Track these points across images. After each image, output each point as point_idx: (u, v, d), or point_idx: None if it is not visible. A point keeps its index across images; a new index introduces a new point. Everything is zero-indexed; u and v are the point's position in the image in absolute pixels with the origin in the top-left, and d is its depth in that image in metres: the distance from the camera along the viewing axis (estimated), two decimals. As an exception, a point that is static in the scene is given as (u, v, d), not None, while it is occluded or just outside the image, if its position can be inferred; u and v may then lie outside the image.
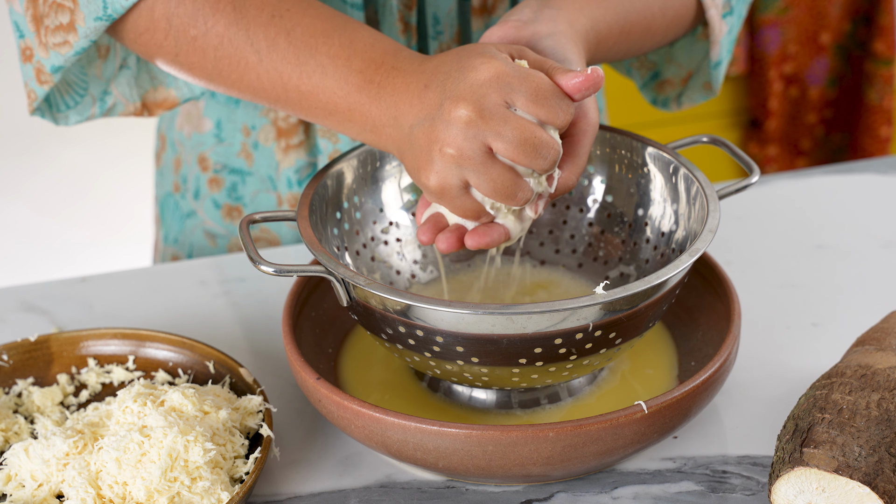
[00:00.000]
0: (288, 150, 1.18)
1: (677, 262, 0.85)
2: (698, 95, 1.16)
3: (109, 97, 1.05)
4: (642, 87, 1.19)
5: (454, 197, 0.87)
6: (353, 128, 0.91)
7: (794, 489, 0.81)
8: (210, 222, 1.24)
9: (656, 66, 1.17)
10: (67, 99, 1.04)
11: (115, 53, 1.04)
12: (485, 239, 0.89)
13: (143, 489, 0.84)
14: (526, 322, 0.82)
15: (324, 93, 0.91)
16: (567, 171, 0.88)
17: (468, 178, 0.85)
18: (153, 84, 1.07)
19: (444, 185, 0.86)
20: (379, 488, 0.90)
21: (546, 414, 0.93)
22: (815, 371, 0.98)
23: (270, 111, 1.17)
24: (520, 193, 0.86)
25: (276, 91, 0.93)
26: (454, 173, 0.85)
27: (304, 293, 0.98)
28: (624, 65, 1.18)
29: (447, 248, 0.90)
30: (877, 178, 1.25)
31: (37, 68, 1.00)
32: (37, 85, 1.01)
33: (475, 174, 0.85)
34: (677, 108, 1.18)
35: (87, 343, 1.00)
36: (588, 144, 0.89)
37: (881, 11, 2.31)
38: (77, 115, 1.05)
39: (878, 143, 2.39)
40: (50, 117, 1.04)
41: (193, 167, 1.23)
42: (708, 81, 1.14)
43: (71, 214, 3.06)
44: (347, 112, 0.90)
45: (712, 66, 1.11)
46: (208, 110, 1.20)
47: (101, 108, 1.05)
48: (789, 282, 1.10)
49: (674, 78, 1.17)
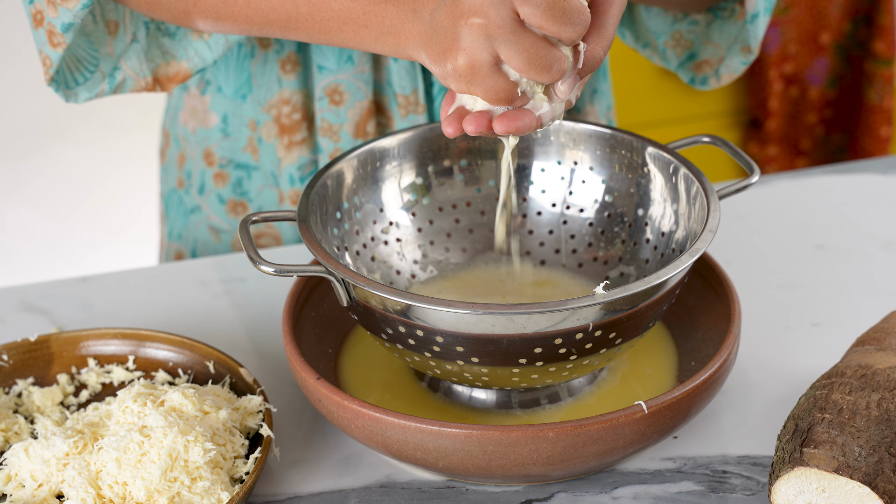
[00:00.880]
0: (290, 147, 1.18)
1: (677, 262, 0.85)
2: (738, 62, 1.13)
3: (119, 72, 1.04)
4: (678, 67, 1.17)
5: (485, 76, 0.82)
6: (370, 34, 0.88)
7: (794, 489, 0.81)
8: (215, 217, 1.24)
9: (692, 45, 1.15)
10: (77, 76, 1.03)
11: (125, 29, 1.03)
12: (515, 123, 0.84)
13: (143, 489, 0.84)
14: (526, 322, 0.82)
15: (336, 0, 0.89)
16: (593, 43, 0.84)
17: (499, 51, 0.81)
18: (164, 58, 1.06)
19: (475, 62, 0.81)
20: (379, 488, 0.90)
21: (546, 414, 0.93)
22: (815, 371, 0.98)
23: (273, 108, 1.17)
24: (555, 64, 0.81)
25: (286, 8, 0.91)
26: (483, 46, 0.81)
27: (305, 293, 0.98)
28: (658, 44, 1.16)
29: (476, 130, 0.84)
30: (877, 178, 1.25)
31: (48, 30, 0.99)
32: (50, 49, 1.00)
33: (506, 45, 0.80)
34: (717, 83, 1.15)
35: (87, 343, 1.00)
36: (616, 16, 0.85)
37: (881, 11, 2.31)
38: (87, 92, 1.04)
39: (878, 143, 2.39)
40: (62, 93, 1.04)
41: (198, 162, 1.23)
42: (746, 44, 1.12)
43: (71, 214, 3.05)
44: (362, 17, 0.88)
45: (749, 20, 1.09)
46: (214, 105, 1.20)
47: (110, 84, 1.04)
48: (789, 282, 1.10)
49: (711, 58, 1.15)
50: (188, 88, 1.22)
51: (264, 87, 1.17)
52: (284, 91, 1.16)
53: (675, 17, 1.15)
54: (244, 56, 1.16)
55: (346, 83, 1.14)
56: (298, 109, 1.17)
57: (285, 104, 1.16)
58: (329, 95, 1.14)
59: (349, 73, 1.13)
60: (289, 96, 1.16)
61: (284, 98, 1.16)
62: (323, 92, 1.14)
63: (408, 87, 1.14)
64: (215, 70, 1.18)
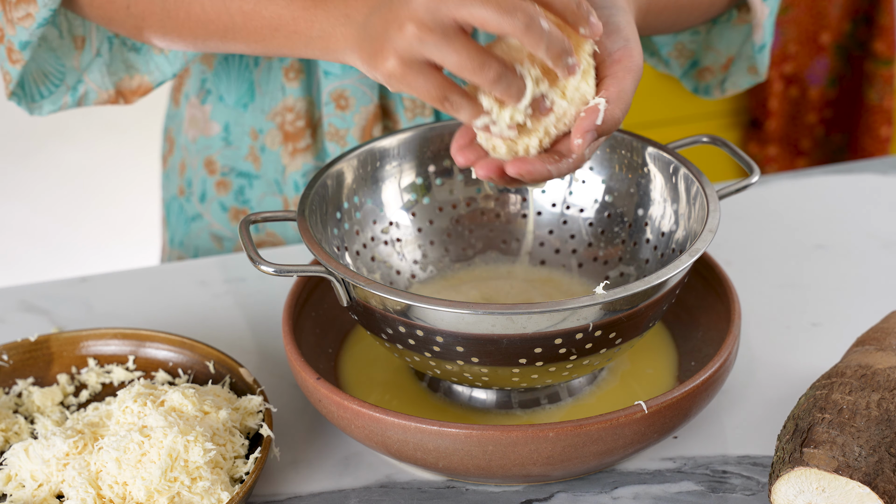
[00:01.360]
0: (295, 154, 1.18)
1: (677, 262, 0.85)
2: (744, 80, 1.15)
3: (81, 85, 1.07)
4: (682, 76, 1.18)
5: (416, 75, 0.80)
6: (300, 40, 0.89)
7: (794, 489, 0.81)
8: (217, 225, 1.24)
9: (694, 54, 1.16)
10: (42, 89, 1.06)
11: (90, 43, 1.05)
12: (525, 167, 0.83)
13: (143, 489, 0.84)
14: (526, 322, 0.82)
15: (266, 8, 0.90)
16: (613, 105, 0.84)
17: (430, 54, 0.79)
18: (128, 72, 1.08)
19: (405, 62, 0.80)
20: (379, 488, 0.90)
21: (546, 414, 0.93)
22: (815, 371, 0.98)
23: (277, 115, 1.17)
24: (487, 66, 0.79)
25: (222, 19, 0.93)
26: (414, 48, 0.79)
27: (305, 293, 0.98)
28: (662, 54, 1.18)
29: (486, 175, 0.84)
30: (877, 178, 1.25)
31: (7, 47, 1.02)
32: (9, 65, 1.03)
33: (437, 48, 0.79)
34: (721, 94, 1.17)
35: (87, 343, 1.00)
36: (634, 81, 0.85)
37: (881, 11, 2.31)
38: (51, 105, 1.07)
39: (878, 143, 2.39)
40: (25, 106, 1.06)
41: (199, 171, 1.24)
42: (753, 66, 1.14)
43: (71, 214, 3.06)
44: (292, 23, 0.89)
45: (756, 50, 1.11)
46: (215, 114, 1.20)
47: (73, 97, 1.07)
48: (789, 282, 1.10)
49: (713, 65, 1.16)
50: (189, 98, 1.22)
51: (268, 95, 1.17)
52: (288, 99, 1.16)
53: None
54: (245, 66, 1.17)
55: (351, 88, 1.14)
56: (302, 117, 1.17)
57: (289, 111, 1.17)
58: (335, 100, 1.15)
59: (355, 79, 1.14)
60: (292, 104, 1.16)
61: (288, 106, 1.16)
62: (329, 97, 1.15)
63: None
64: (216, 80, 1.18)
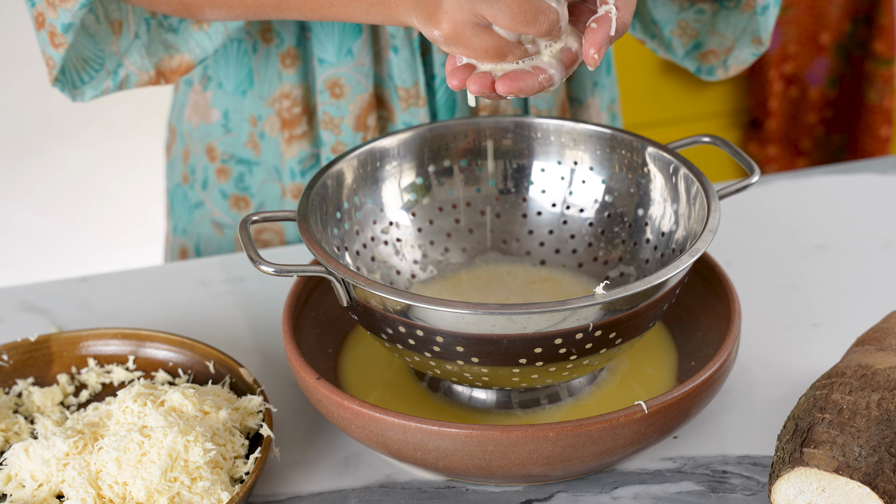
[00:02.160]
0: (291, 141, 1.19)
1: (677, 262, 0.85)
2: (747, 53, 1.14)
3: (122, 69, 1.06)
4: (684, 57, 1.18)
5: (471, 36, 0.82)
6: (361, 5, 0.89)
7: (794, 489, 0.81)
8: (217, 212, 1.25)
9: (698, 34, 1.16)
10: (83, 74, 1.05)
11: (128, 27, 1.05)
12: (517, 84, 0.84)
13: (143, 489, 0.84)
14: (526, 322, 0.82)
15: None
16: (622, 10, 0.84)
17: (482, 11, 0.81)
18: (167, 52, 1.08)
19: (458, 24, 0.82)
20: (379, 488, 0.90)
21: (546, 414, 0.93)
22: (815, 371, 0.98)
23: (275, 102, 1.17)
24: (541, 16, 0.81)
25: None
26: (465, 8, 0.81)
27: (305, 293, 0.99)
28: (664, 34, 1.17)
29: (479, 90, 0.85)
30: (877, 178, 1.25)
31: (50, 31, 1.01)
32: (52, 50, 1.02)
33: (488, 4, 0.81)
34: (725, 73, 1.16)
35: (87, 343, 1.00)
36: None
37: (881, 11, 2.31)
38: (92, 90, 1.06)
39: (878, 143, 2.39)
40: (68, 92, 1.06)
41: (201, 158, 1.24)
42: (756, 36, 1.12)
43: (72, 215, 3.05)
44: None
45: (759, 12, 1.10)
46: (216, 101, 1.20)
47: (114, 81, 1.07)
48: (789, 282, 1.10)
49: (717, 48, 1.15)
50: (192, 84, 1.23)
51: (266, 81, 1.17)
52: (285, 85, 1.16)
53: (681, 6, 1.15)
54: (244, 52, 1.17)
55: (346, 76, 1.14)
56: (298, 103, 1.17)
57: (286, 98, 1.17)
58: (330, 88, 1.15)
59: (349, 67, 1.14)
60: (289, 90, 1.16)
61: (285, 92, 1.17)
62: (324, 85, 1.15)
63: (408, 80, 1.14)
64: (216, 66, 1.19)
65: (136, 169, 3.19)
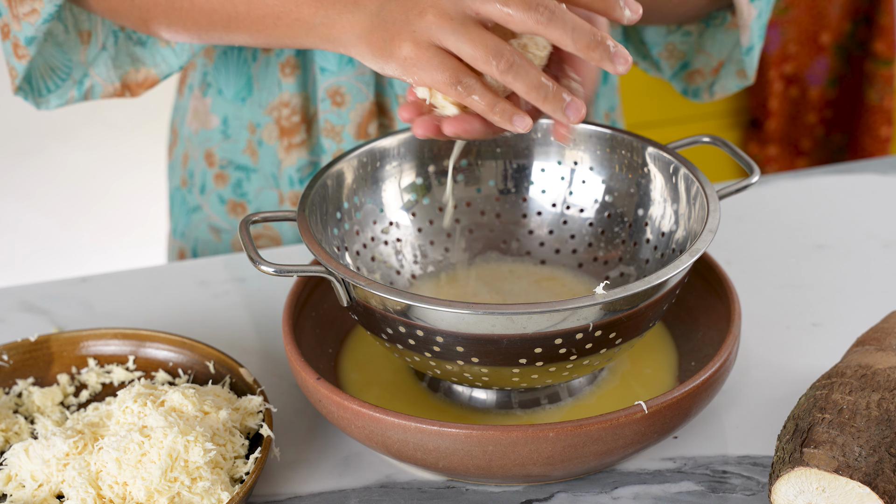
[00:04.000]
0: (290, 149, 1.19)
1: (677, 262, 0.85)
2: (732, 84, 1.16)
3: (88, 79, 1.07)
4: (672, 77, 1.19)
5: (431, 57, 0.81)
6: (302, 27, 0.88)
7: (794, 489, 0.81)
8: (215, 217, 1.25)
9: (685, 55, 1.17)
10: (49, 83, 1.06)
11: (96, 38, 1.06)
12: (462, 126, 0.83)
13: (143, 489, 0.84)
14: (526, 322, 0.82)
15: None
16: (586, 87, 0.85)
17: (447, 42, 0.80)
18: (134, 65, 1.08)
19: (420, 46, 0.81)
20: (379, 488, 0.90)
21: (546, 414, 0.93)
22: (815, 371, 0.98)
23: (274, 110, 1.18)
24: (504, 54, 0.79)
25: (225, 8, 0.93)
26: (432, 34, 0.80)
27: (305, 293, 0.99)
28: (653, 55, 1.18)
29: (423, 133, 0.85)
30: (877, 178, 1.25)
31: (14, 43, 1.02)
32: (15, 61, 1.03)
33: (454, 35, 0.79)
34: (710, 97, 1.17)
35: (87, 343, 1.00)
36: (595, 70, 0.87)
37: (881, 11, 2.31)
38: (57, 99, 1.07)
39: (878, 143, 2.39)
40: (32, 100, 1.06)
41: (200, 162, 1.24)
42: (742, 69, 1.14)
43: (71, 215, 3.06)
44: (295, 9, 0.88)
45: (744, 53, 1.11)
46: (215, 107, 1.21)
47: (79, 91, 1.07)
48: (789, 282, 1.10)
49: (703, 68, 1.16)
50: (193, 89, 1.23)
51: (266, 89, 1.17)
52: (284, 94, 1.17)
53: (668, 29, 1.17)
54: (244, 60, 1.17)
55: (347, 85, 1.14)
56: (297, 112, 1.17)
57: (285, 107, 1.17)
58: (331, 97, 1.15)
59: (350, 75, 1.14)
60: (288, 99, 1.17)
61: (284, 101, 1.17)
62: (325, 93, 1.15)
63: None
64: (216, 73, 1.19)
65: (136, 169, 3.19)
